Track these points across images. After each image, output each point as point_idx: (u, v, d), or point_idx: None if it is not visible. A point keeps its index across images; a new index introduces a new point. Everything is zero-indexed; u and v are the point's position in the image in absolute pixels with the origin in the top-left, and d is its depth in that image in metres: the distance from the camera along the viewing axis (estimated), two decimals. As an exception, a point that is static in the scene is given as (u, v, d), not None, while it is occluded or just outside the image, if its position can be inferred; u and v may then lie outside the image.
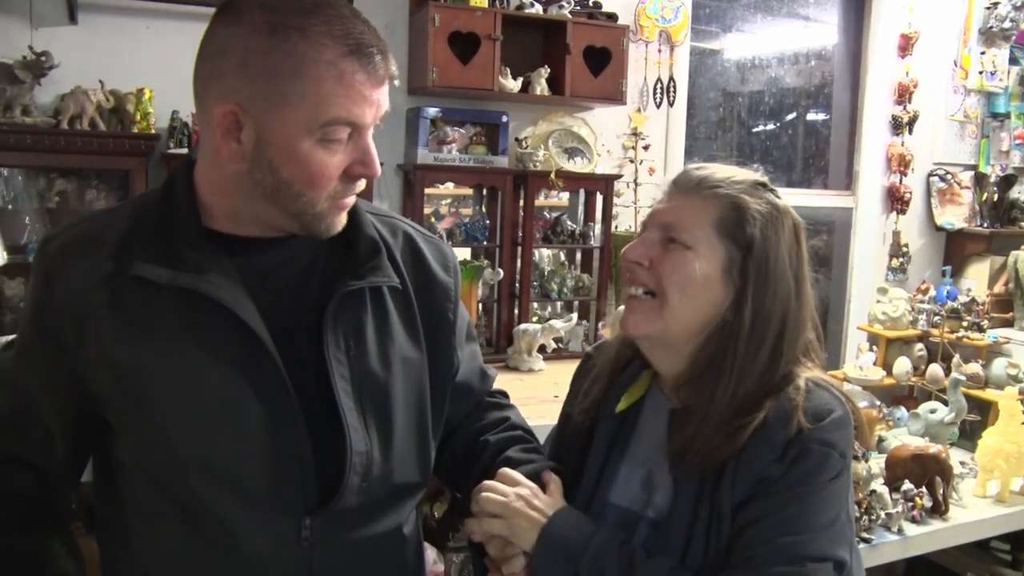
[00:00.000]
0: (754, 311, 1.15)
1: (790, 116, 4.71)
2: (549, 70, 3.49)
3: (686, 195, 1.20)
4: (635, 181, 3.83)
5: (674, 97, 3.94)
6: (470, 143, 3.54)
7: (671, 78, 3.93)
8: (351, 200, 1.14)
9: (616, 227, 3.73)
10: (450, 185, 3.66)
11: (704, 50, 4.40)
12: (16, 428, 1.20)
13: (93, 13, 3.13)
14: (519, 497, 1.17)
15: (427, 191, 3.44)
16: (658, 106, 3.93)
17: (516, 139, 3.62)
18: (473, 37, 3.30)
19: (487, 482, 1.20)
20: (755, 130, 4.66)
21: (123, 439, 1.14)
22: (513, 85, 3.42)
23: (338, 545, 1.14)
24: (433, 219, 3.57)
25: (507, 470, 1.22)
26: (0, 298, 3.03)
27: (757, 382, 1.15)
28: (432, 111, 3.44)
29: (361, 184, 1.13)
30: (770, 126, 4.69)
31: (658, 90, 3.91)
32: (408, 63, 3.49)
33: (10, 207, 3.08)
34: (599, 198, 3.68)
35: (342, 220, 1.15)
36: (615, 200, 3.75)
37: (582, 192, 3.77)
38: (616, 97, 3.56)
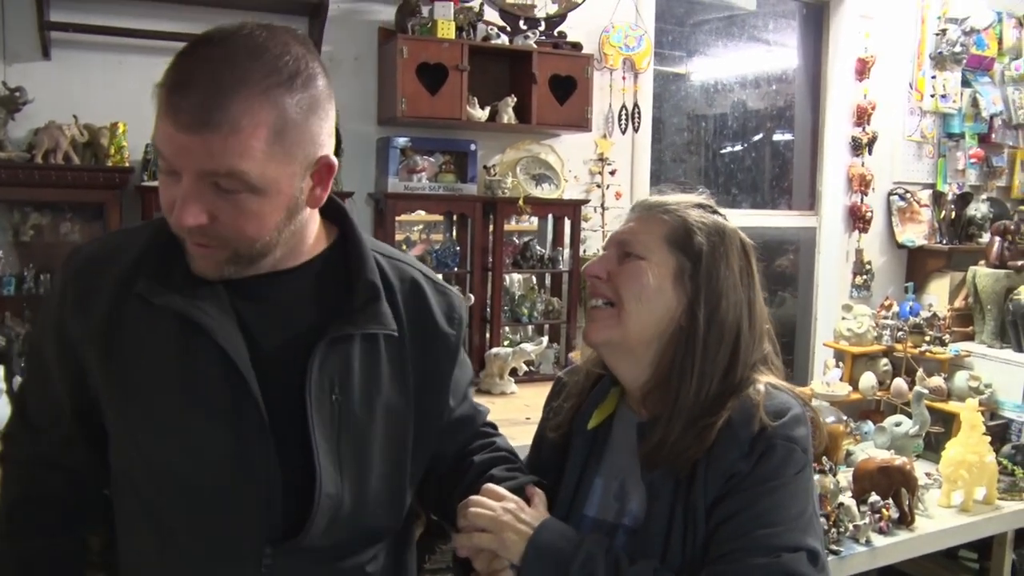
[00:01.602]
0: (708, 315, 1.21)
1: (754, 138, 4.80)
2: (516, 99, 3.55)
3: (643, 218, 1.30)
4: (602, 205, 3.90)
5: (639, 123, 4.02)
6: (440, 171, 3.59)
7: (635, 104, 4.01)
8: (197, 248, 1.07)
9: (584, 251, 3.79)
10: (421, 212, 3.71)
11: (669, 75, 4.49)
12: (44, 428, 1.23)
13: (66, 49, 3.16)
14: (506, 511, 1.19)
15: (399, 219, 3.47)
16: (623, 132, 4.01)
17: (485, 167, 3.68)
18: (441, 68, 3.36)
19: (474, 497, 1.21)
20: (720, 152, 4.74)
21: (112, 448, 1.18)
22: (481, 114, 3.48)
23: (301, 573, 1.15)
24: (404, 247, 3.61)
25: (492, 486, 1.23)
26: None
27: (719, 384, 1.21)
28: (402, 140, 3.49)
29: (215, 230, 1.04)
30: (735, 148, 4.77)
31: (623, 116, 3.99)
32: (378, 94, 3.55)
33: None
34: (567, 223, 3.74)
35: (199, 267, 1.09)
36: (583, 224, 3.80)
37: (550, 217, 3.83)
38: (582, 124, 3.63)
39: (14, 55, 3.12)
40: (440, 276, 1.36)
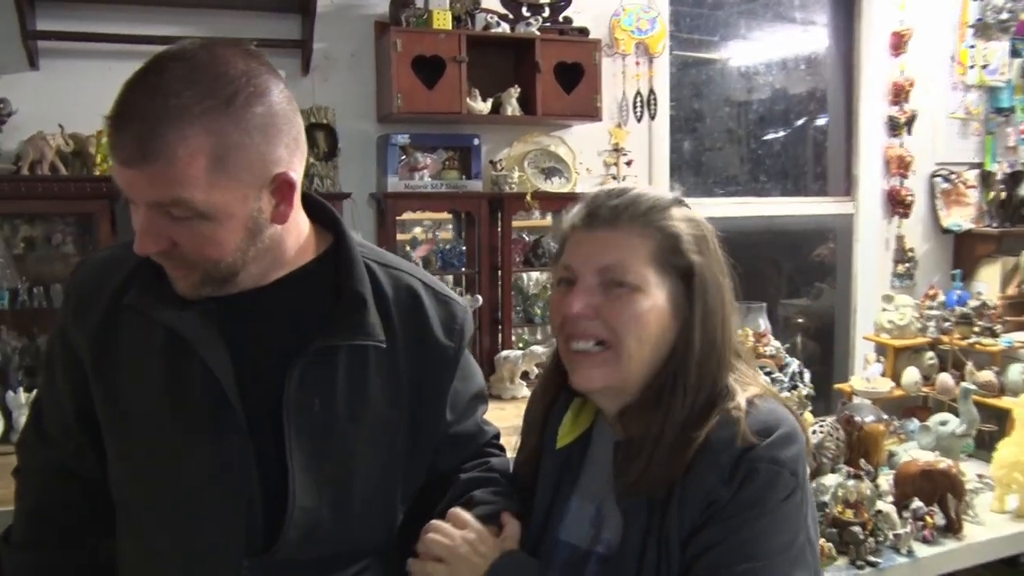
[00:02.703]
0: (703, 334, 1.11)
1: (784, 123, 4.60)
2: (520, 89, 3.41)
3: (612, 228, 1.13)
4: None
5: (655, 109, 3.83)
6: (443, 168, 3.46)
7: (651, 90, 3.83)
8: (171, 271, 1.09)
9: (602, 247, 3.59)
10: (427, 212, 3.59)
11: (688, 60, 4.30)
12: (57, 437, 1.25)
13: (54, 58, 3.11)
14: (465, 542, 1.13)
15: (406, 218, 3.35)
16: (639, 120, 3.82)
17: (491, 162, 3.54)
18: (438, 61, 3.24)
19: (435, 522, 1.16)
20: (750, 138, 4.55)
21: (108, 455, 1.20)
22: (483, 107, 3.34)
23: None
24: (408, 247, 3.48)
25: (457, 511, 1.17)
26: None
27: (706, 399, 1.12)
28: (401, 138, 3.37)
29: (180, 256, 1.06)
30: (765, 134, 4.58)
31: (638, 104, 3.80)
32: (376, 91, 3.43)
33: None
34: (582, 218, 3.55)
35: (179, 288, 1.10)
36: None
37: (562, 212, 3.63)
38: (591, 113, 3.48)
39: (2, 66, 3.08)
40: (444, 284, 1.32)
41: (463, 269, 3.46)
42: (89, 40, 3.08)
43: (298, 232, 1.16)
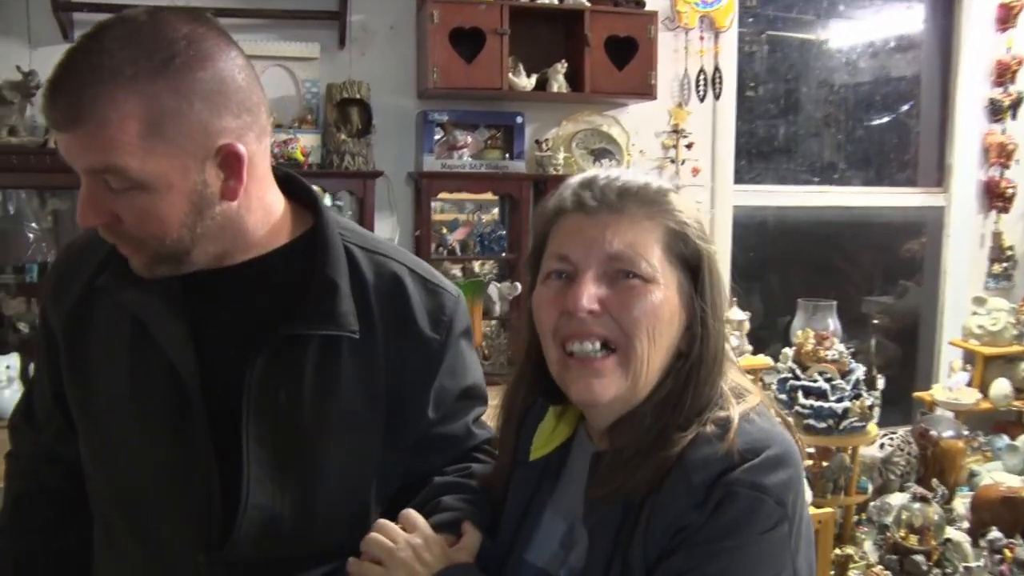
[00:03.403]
0: (705, 335, 1.02)
1: (873, 107, 4.26)
2: (567, 65, 3.22)
3: (618, 213, 1.01)
4: (675, 184, 3.45)
5: (720, 89, 3.56)
6: (485, 147, 3.31)
7: (716, 68, 3.56)
8: (123, 251, 1.06)
9: (655, 235, 3.37)
10: (467, 193, 3.44)
11: (762, 37, 4.01)
12: (43, 420, 1.25)
13: (87, 30, 3.06)
14: (409, 546, 1.05)
15: (445, 198, 3.20)
16: (702, 100, 3.56)
17: (537, 141, 3.35)
18: (478, 33, 3.08)
19: (381, 521, 1.09)
20: (832, 123, 4.24)
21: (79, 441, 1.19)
22: (526, 83, 3.17)
23: None
24: (445, 230, 3.33)
25: (409, 512, 1.10)
26: (4, 317, 3.07)
27: (700, 407, 1.01)
28: (439, 115, 3.23)
29: (124, 231, 1.03)
30: (851, 119, 4.26)
31: (701, 82, 3.54)
32: (416, 65, 3.30)
33: (10, 228, 3.08)
34: (632, 203, 3.33)
35: (135, 265, 1.07)
36: None
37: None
38: (644, 91, 3.27)
39: (38, 39, 3.09)
40: (437, 272, 1.25)
41: (503, 254, 3.31)
42: (119, 11, 3.03)
43: (265, 211, 1.11)
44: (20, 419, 1.30)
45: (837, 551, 2.58)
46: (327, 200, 3.04)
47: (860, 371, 2.91)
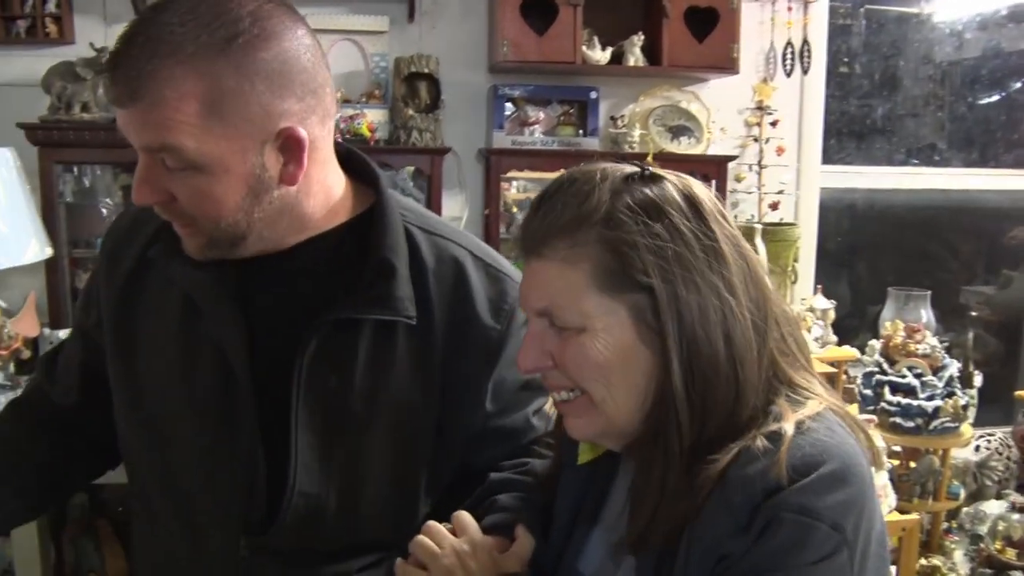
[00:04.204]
0: (683, 358, 0.89)
1: (975, 82, 4.00)
2: (644, 37, 3.07)
3: (538, 256, 0.92)
4: (759, 163, 3.28)
5: (809, 63, 3.35)
6: (558, 124, 3.19)
7: (805, 41, 3.35)
8: (177, 229, 1.04)
9: (736, 216, 3.21)
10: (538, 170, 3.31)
11: (860, 11, 3.78)
12: (59, 374, 1.25)
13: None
14: (454, 552, 1.00)
15: (517, 176, 3.12)
16: (789, 75, 3.37)
17: (612, 118, 3.22)
18: (550, 4, 2.97)
19: (430, 523, 1.04)
20: (928, 99, 3.99)
21: (116, 416, 1.18)
22: (600, 56, 3.03)
23: (273, 572, 1.10)
24: (516, 210, 3.23)
25: (461, 515, 1.05)
26: (74, 292, 3.06)
27: (724, 428, 0.89)
28: (510, 89, 3.13)
29: (179, 210, 1.01)
30: (956, 97, 4.01)
31: (789, 56, 3.34)
32: (487, 38, 3.20)
33: (83, 203, 3.09)
34: (712, 184, 3.17)
35: (188, 246, 1.05)
36: (735, 185, 3.29)
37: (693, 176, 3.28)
38: (726, 65, 3.10)
39: (114, 15, 3.11)
40: (503, 258, 1.20)
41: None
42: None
43: (325, 194, 1.08)
44: (48, 356, 1.30)
45: (923, 561, 2.40)
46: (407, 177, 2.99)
47: (954, 367, 2.72)
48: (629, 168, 0.91)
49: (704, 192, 0.92)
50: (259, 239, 1.05)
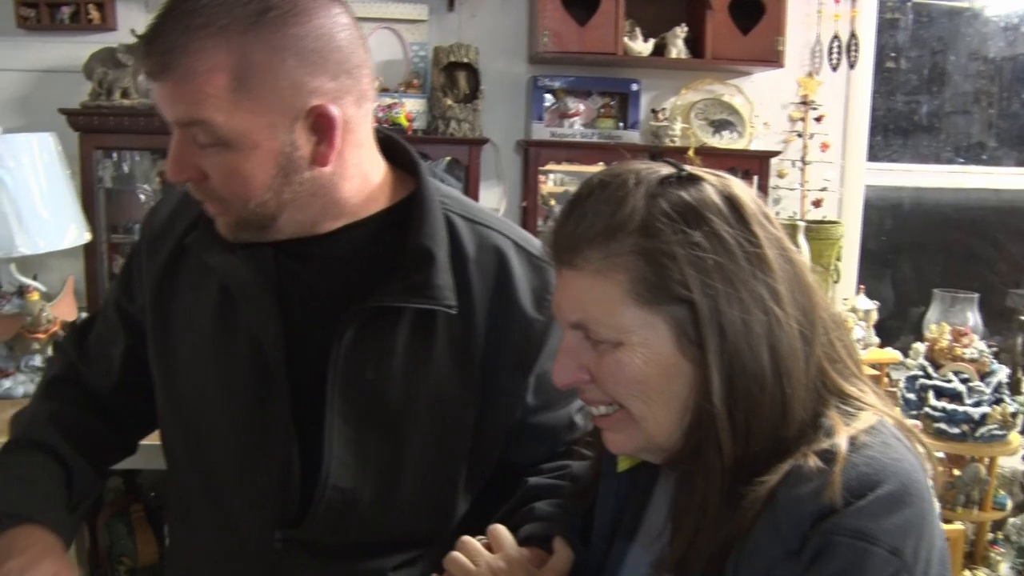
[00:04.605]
0: (727, 374, 0.84)
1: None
2: (687, 29, 3.01)
3: (571, 267, 0.88)
4: (803, 159, 3.21)
5: (856, 57, 3.27)
6: (598, 116, 3.16)
7: (852, 34, 3.26)
8: (209, 208, 1.03)
9: (778, 213, 3.14)
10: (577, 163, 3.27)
11: (907, 5, 3.68)
12: (94, 356, 1.24)
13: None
14: (490, 570, 0.97)
15: (554, 168, 3.08)
16: (835, 69, 3.29)
17: (653, 111, 3.17)
18: None
19: (465, 539, 1.01)
20: (979, 96, 3.88)
21: (158, 405, 1.18)
22: (642, 48, 2.99)
23: (308, 565, 1.08)
24: (554, 202, 3.19)
25: (496, 529, 1.02)
26: (112, 277, 3.09)
27: (771, 445, 0.84)
28: (551, 81, 3.10)
29: (210, 189, 1.00)
30: (1005, 92, 3.88)
31: (835, 49, 3.26)
32: (528, 29, 3.16)
33: (121, 189, 3.11)
34: (754, 180, 3.13)
35: (220, 226, 1.04)
36: (778, 181, 3.22)
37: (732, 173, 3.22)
38: (770, 59, 3.03)
39: (156, 3, 3.06)
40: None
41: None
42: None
43: (362, 179, 1.06)
44: (83, 323, 1.29)
45: (967, 573, 2.33)
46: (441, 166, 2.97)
47: (1003, 373, 2.63)
48: (664, 169, 0.86)
49: (746, 192, 0.87)
50: (291, 222, 1.03)
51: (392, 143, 1.13)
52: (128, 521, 2.63)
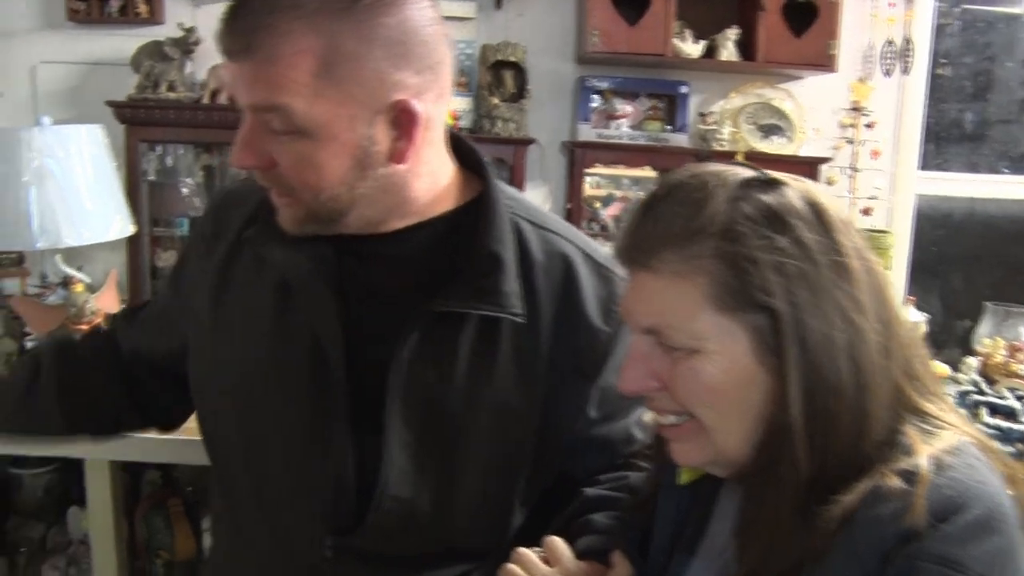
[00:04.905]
0: (806, 385, 0.80)
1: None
2: (739, 31, 2.96)
3: (646, 268, 0.84)
4: (852, 166, 3.14)
5: (910, 63, 3.20)
6: (645, 118, 3.12)
7: (907, 39, 3.19)
8: (275, 198, 0.99)
9: (826, 221, 3.08)
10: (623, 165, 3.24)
11: (955, 10, 3.61)
12: (138, 332, 1.23)
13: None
14: None
15: (600, 171, 3.04)
16: (887, 74, 3.22)
17: (701, 114, 3.12)
18: None
19: (520, 551, 0.98)
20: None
21: (198, 405, 1.16)
22: (692, 49, 2.94)
23: (358, 575, 1.05)
24: (599, 204, 3.15)
25: (553, 541, 0.99)
26: (154, 270, 3.15)
27: (848, 463, 0.80)
28: (598, 81, 3.06)
29: (279, 177, 0.96)
30: None
31: (888, 54, 3.19)
32: (576, 28, 3.13)
33: (164, 182, 3.13)
34: (803, 186, 3.06)
35: (282, 219, 1.01)
36: (828, 189, 3.10)
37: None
38: (823, 63, 2.99)
39: (199, -7, 3.10)
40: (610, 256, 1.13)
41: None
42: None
43: (433, 178, 1.03)
44: (123, 313, 1.28)
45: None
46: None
47: (1059, 388, 2.57)
48: (744, 172, 0.82)
49: (828, 199, 0.83)
50: (359, 217, 1.00)
51: (458, 142, 1.10)
52: (166, 515, 2.62)
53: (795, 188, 0.83)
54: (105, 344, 1.24)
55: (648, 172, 3.20)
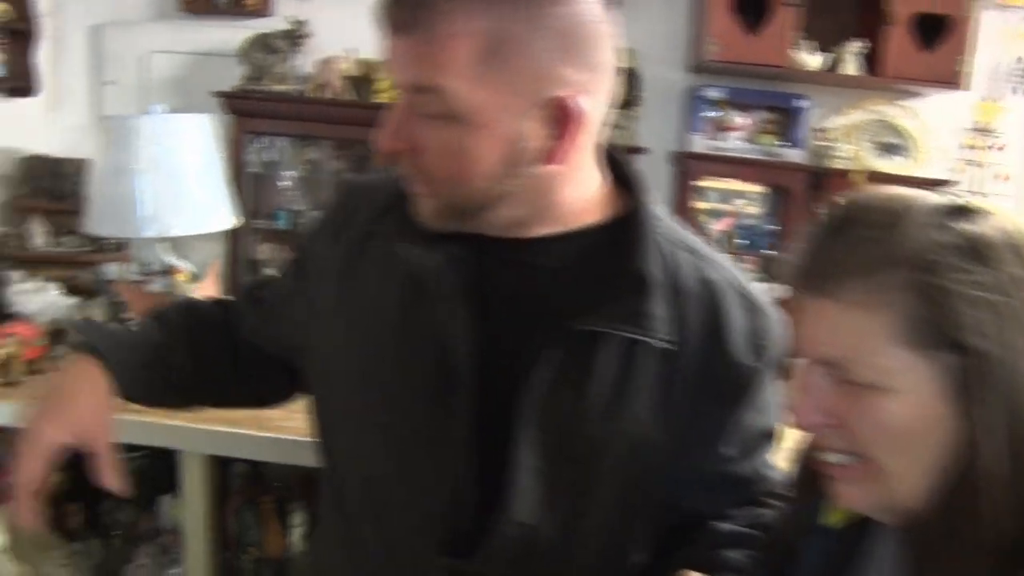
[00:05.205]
0: (1006, 437, 0.74)
1: None
2: (866, 44, 2.84)
3: (829, 296, 0.77)
4: (978, 191, 2.99)
5: (1044, 83, 3.03)
6: (759, 131, 3.01)
7: (1039, 57, 3.03)
8: (414, 187, 0.95)
9: (946, 247, 2.94)
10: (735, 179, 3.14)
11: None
12: (255, 309, 1.20)
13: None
14: None
15: (708, 184, 2.96)
16: (1015, 92, 3.05)
17: (817, 129, 2.99)
18: (764, 1, 2.78)
19: None
20: None
21: (313, 406, 1.13)
22: (813, 62, 2.83)
23: None
24: (706, 218, 3.06)
25: (688, 575, 0.96)
26: (255, 263, 3.18)
27: None
28: (713, 91, 2.95)
29: (423, 164, 0.92)
30: None
31: (1018, 72, 3.03)
32: (689, 35, 3.04)
33: (265, 174, 3.14)
34: (922, 208, 2.92)
35: (423, 209, 0.96)
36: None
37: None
38: (950, 80, 2.83)
39: (312, -9, 3.10)
40: (760, 289, 1.08)
41: (765, 251, 3.01)
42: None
43: (584, 186, 0.98)
44: (247, 289, 1.25)
45: None
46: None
47: None
48: (937, 198, 0.75)
49: None
50: (501, 216, 0.95)
51: (611, 154, 1.04)
52: (257, 511, 2.62)
53: (996, 217, 0.75)
54: (227, 316, 1.22)
55: (758, 187, 3.11)
